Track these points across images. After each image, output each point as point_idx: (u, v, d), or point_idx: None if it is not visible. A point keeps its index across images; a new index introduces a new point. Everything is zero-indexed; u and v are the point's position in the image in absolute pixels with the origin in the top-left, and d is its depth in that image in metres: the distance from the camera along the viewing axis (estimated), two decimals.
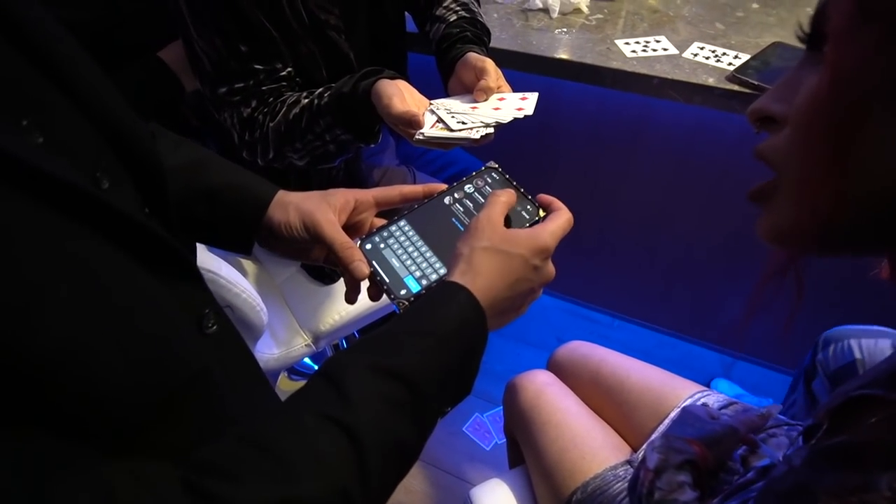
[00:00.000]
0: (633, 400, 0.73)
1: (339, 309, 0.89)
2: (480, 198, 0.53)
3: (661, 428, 0.67)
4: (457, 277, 0.42)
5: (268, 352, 0.85)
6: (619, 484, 0.63)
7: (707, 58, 0.90)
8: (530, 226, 0.49)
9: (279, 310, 0.92)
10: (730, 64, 0.88)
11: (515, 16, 1.05)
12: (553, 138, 1.28)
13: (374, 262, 0.48)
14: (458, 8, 0.85)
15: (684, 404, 0.68)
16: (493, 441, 1.34)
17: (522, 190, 0.52)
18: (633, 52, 0.93)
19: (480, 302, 0.41)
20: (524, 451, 0.77)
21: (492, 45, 0.91)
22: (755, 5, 1.02)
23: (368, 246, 0.50)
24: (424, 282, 0.48)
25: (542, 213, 0.50)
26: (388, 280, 0.47)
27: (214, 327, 0.40)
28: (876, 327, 0.79)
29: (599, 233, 1.40)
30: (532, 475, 0.74)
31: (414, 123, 0.65)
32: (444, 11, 0.86)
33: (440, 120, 0.68)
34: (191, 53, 0.73)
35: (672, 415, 0.68)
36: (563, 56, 0.93)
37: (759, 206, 0.32)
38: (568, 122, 1.24)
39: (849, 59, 0.24)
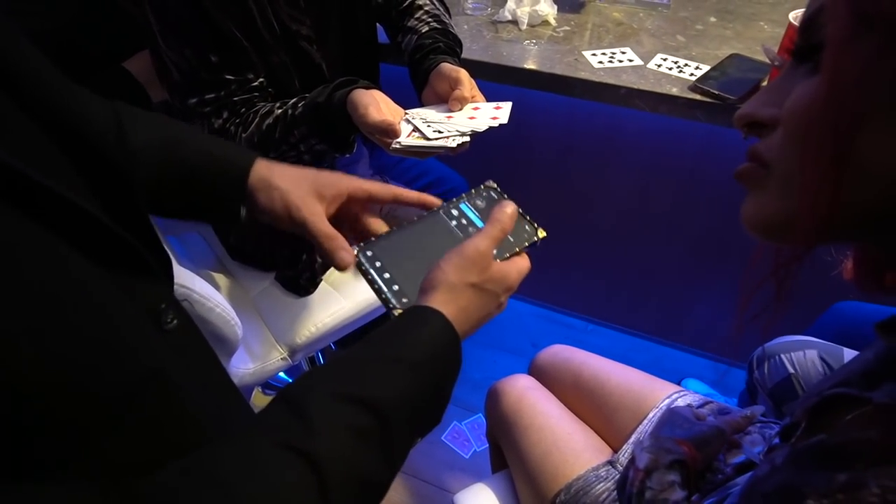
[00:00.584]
0: (613, 402, 0.75)
1: (315, 321, 0.88)
2: (477, 217, 0.52)
3: (641, 428, 0.69)
4: (437, 304, 0.41)
5: (243, 367, 0.83)
6: (602, 484, 0.64)
7: (670, 68, 0.94)
8: (529, 246, 0.50)
9: (254, 323, 0.90)
10: (691, 74, 0.91)
11: (485, 27, 1.07)
12: (526, 147, 1.30)
13: (371, 270, 0.49)
14: (429, 19, 0.86)
15: (663, 405, 0.70)
16: (472, 449, 1.34)
17: (521, 210, 0.51)
18: (601, 62, 0.96)
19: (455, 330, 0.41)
20: (507, 455, 0.78)
21: (463, 55, 0.93)
22: (713, 19, 1.07)
23: (369, 253, 0.50)
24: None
25: (540, 234, 0.51)
26: (385, 289, 0.47)
27: (174, 322, 0.38)
28: (800, 338, 0.83)
29: (572, 239, 1.43)
30: (515, 479, 0.75)
31: (390, 132, 0.66)
32: (415, 23, 0.87)
33: (416, 129, 0.69)
34: (159, 64, 0.72)
35: (651, 415, 0.70)
36: (533, 66, 0.96)
37: (744, 188, 0.32)
38: (540, 132, 1.26)
39: (848, 67, 0.24)
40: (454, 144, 0.66)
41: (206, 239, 0.99)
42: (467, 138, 0.67)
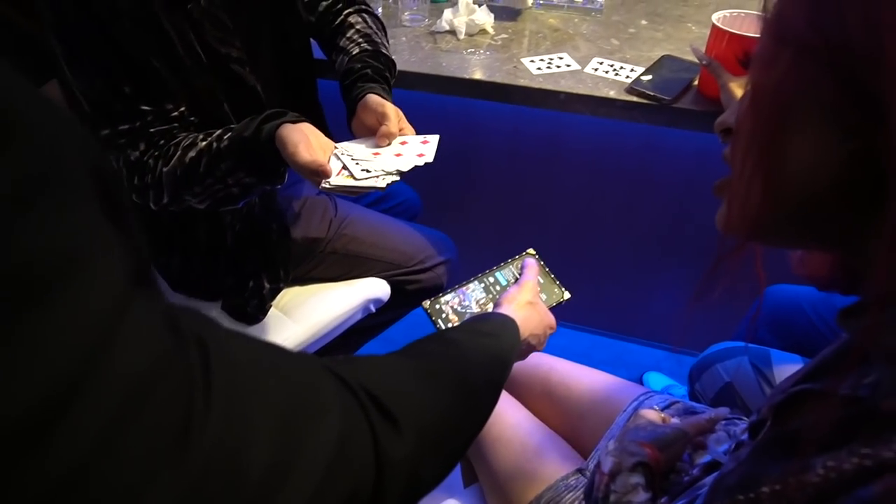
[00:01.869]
0: (581, 408, 0.75)
1: None
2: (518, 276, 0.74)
3: (609, 433, 0.69)
4: (511, 312, 0.59)
5: None
6: (571, 493, 0.64)
7: (606, 72, 0.96)
8: (557, 305, 0.72)
9: None
10: (627, 77, 0.94)
11: (424, 38, 1.06)
12: (474, 156, 1.30)
13: (438, 320, 0.69)
14: (360, 40, 0.85)
15: (630, 408, 0.70)
16: None
17: (552, 276, 0.75)
18: (539, 69, 0.97)
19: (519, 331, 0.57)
20: (477, 468, 0.76)
21: (402, 67, 0.92)
22: (644, 22, 1.10)
23: (437, 306, 0.71)
24: None
25: (566, 296, 0.74)
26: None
27: None
28: (729, 345, 0.87)
29: (525, 243, 1.43)
30: (486, 493, 0.73)
31: (321, 173, 0.64)
32: (347, 43, 0.85)
33: (345, 167, 0.68)
34: (67, 94, 0.67)
35: (618, 419, 0.70)
36: (473, 76, 0.96)
37: (719, 197, 0.37)
38: (486, 139, 1.27)
39: (766, 77, 0.29)
40: (383, 185, 0.67)
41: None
42: (396, 177, 0.68)
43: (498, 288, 0.73)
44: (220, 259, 0.88)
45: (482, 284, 0.73)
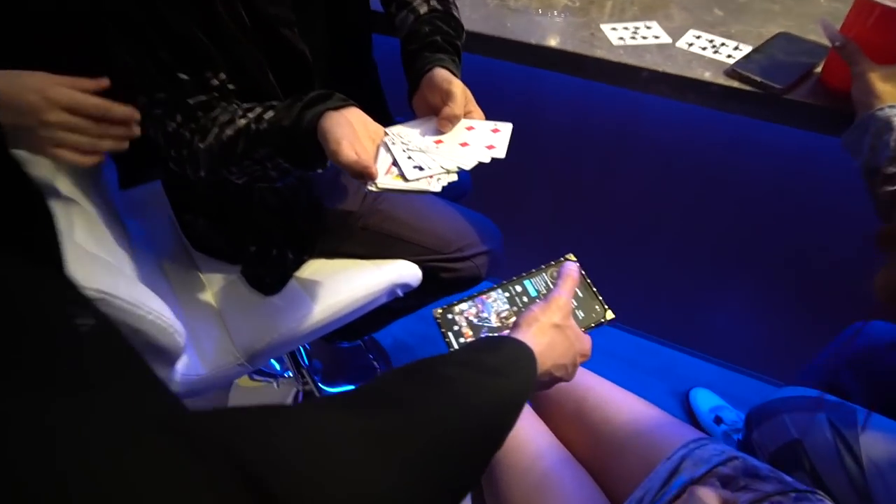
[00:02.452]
0: (617, 443, 0.64)
1: (279, 327, 0.78)
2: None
3: (647, 484, 0.58)
4: (525, 338, 0.49)
5: (193, 374, 0.74)
6: None
7: (704, 48, 0.80)
8: (595, 326, 0.58)
9: (211, 323, 0.80)
10: (729, 56, 0.78)
11: None
12: (531, 134, 1.17)
13: (449, 333, 0.58)
14: None
15: (676, 455, 0.59)
16: None
17: (595, 289, 0.60)
18: (621, 38, 0.82)
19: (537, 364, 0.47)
20: (486, 495, 0.68)
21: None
22: None
23: (449, 316, 0.59)
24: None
25: (609, 316, 0.58)
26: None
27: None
28: (804, 392, 0.73)
29: (584, 232, 1.31)
30: None
31: (366, 175, 0.55)
32: None
33: (395, 163, 0.58)
34: (107, 60, 0.62)
35: (660, 468, 0.59)
36: (543, 42, 0.82)
37: (883, 252, 0.31)
38: (548, 116, 1.13)
39: None
40: (438, 188, 0.56)
41: (175, 224, 0.90)
42: (454, 177, 0.57)
43: (525, 299, 0.61)
44: (244, 225, 0.82)
45: (506, 294, 0.61)
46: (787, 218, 1.06)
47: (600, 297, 0.60)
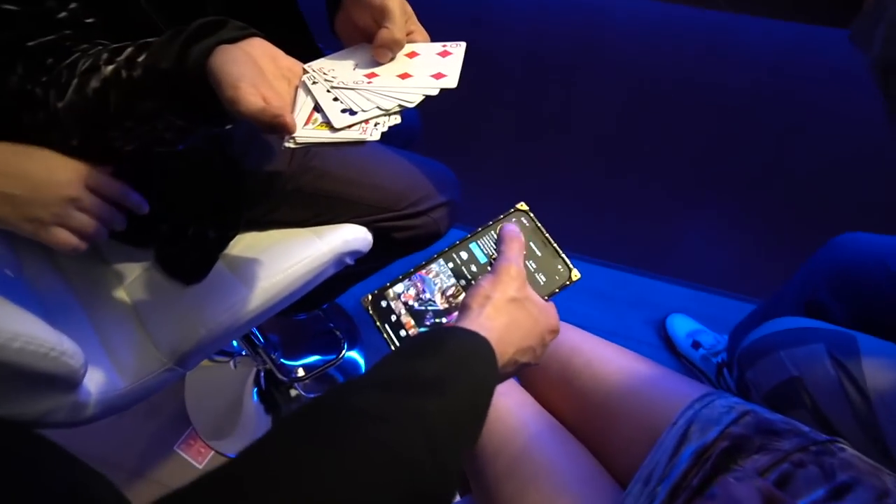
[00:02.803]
0: (613, 408, 0.56)
1: (206, 320, 0.65)
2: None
3: (653, 456, 0.51)
4: (475, 325, 0.39)
5: (110, 391, 0.61)
6: None
7: None
8: (560, 290, 0.48)
9: (125, 324, 0.67)
10: None
11: None
12: (482, 55, 1.02)
13: (386, 326, 0.46)
14: None
15: (682, 420, 0.52)
16: None
17: (556, 245, 0.50)
18: None
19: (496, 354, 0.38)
20: (471, 481, 0.60)
21: None
22: None
23: (383, 303, 0.47)
24: None
25: (575, 276, 0.49)
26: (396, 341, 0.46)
27: None
28: (800, 323, 0.67)
29: (545, 163, 1.22)
30: None
31: (278, 127, 0.40)
32: None
33: (318, 108, 0.44)
34: None
35: (666, 436, 0.51)
36: None
37: None
38: (500, 34, 0.99)
39: None
40: (377, 136, 0.42)
41: None
42: (397, 118, 0.44)
43: (474, 268, 0.49)
44: (148, 200, 0.67)
45: (450, 264, 0.49)
46: (761, 131, 0.98)
47: (562, 255, 0.50)
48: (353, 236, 0.74)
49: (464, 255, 0.50)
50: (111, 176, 0.54)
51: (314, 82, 0.46)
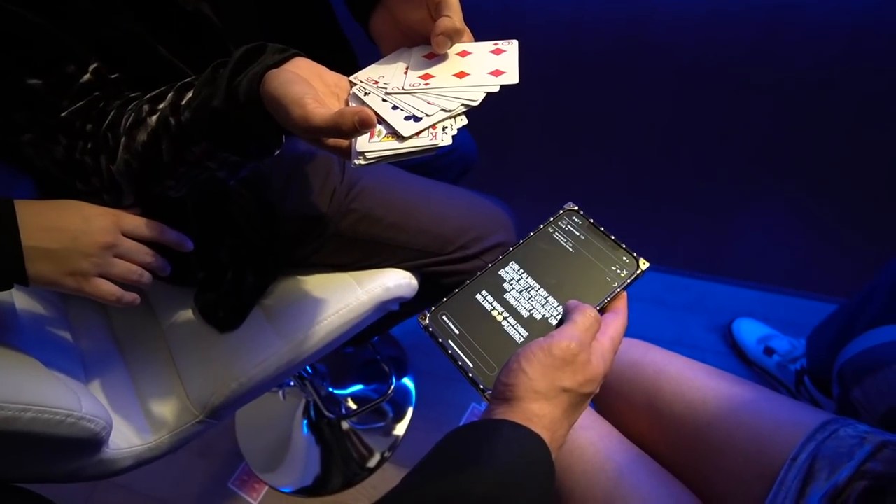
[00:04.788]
0: (717, 441, 0.50)
1: (237, 374, 0.61)
2: (567, 246, 0.46)
3: (772, 499, 0.44)
4: (522, 420, 0.34)
5: (141, 445, 0.59)
6: None
7: None
8: (631, 282, 0.44)
9: (161, 371, 0.65)
10: None
11: None
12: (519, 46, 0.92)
13: (449, 341, 0.41)
14: None
15: (803, 456, 0.44)
16: None
17: (613, 238, 0.46)
18: None
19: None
20: None
21: None
22: None
23: (443, 318, 0.42)
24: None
25: (643, 266, 0.45)
26: (471, 365, 0.40)
27: None
28: None
29: (587, 165, 1.13)
30: None
31: (362, 124, 0.35)
32: None
33: (378, 119, 0.40)
34: None
35: (785, 475, 0.45)
36: None
37: None
38: (534, 30, 0.91)
39: None
40: (449, 140, 0.39)
41: None
42: (464, 120, 0.41)
43: (518, 291, 0.44)
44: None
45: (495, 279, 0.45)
46: (831, 115, 0.87)
47: (624, 246, 0.46)
48: (395, 283, 0.68)
49: (507, 273, 0.45)
50: (143, 216, 0.53)
51: (366, 93, 0.42)
